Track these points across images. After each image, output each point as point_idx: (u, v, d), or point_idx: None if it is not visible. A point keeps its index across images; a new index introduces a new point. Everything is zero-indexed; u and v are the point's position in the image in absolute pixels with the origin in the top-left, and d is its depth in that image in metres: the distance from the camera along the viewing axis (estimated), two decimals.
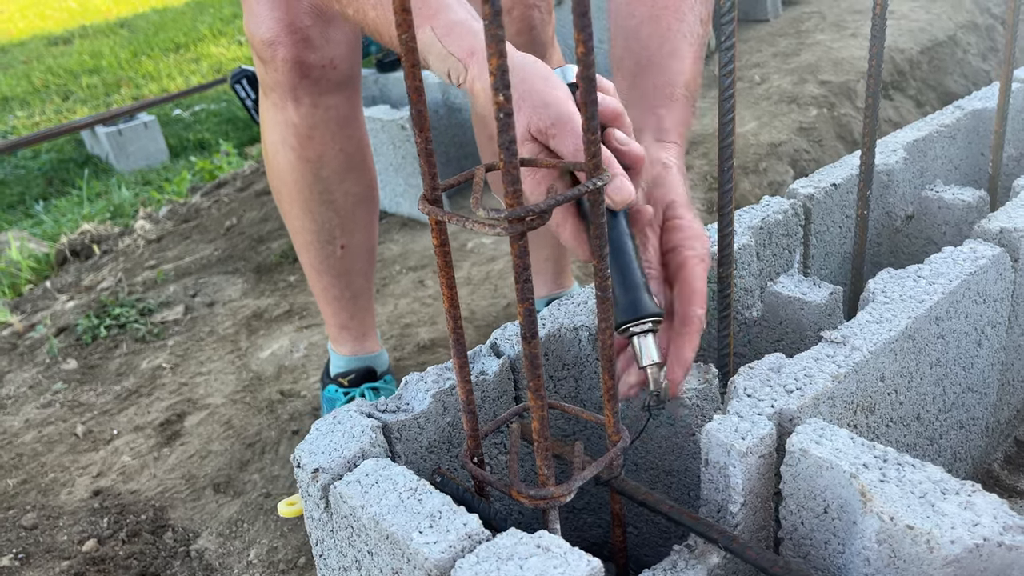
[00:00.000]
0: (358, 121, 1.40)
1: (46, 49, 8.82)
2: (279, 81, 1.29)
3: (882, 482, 0.67)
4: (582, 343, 0.97)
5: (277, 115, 1.34)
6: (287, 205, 1.43)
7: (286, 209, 1.44)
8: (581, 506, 1.06)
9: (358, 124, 1.40)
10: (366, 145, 1.44)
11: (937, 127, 1.43)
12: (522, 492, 0.74)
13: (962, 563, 0.61)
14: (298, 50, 1.25)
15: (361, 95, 1.41)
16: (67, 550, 1.41)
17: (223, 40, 7.72)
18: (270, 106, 1.34)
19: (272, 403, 1.76)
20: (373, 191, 1.48)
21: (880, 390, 0.88)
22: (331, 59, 1.28)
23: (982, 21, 3.27)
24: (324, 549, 0.82)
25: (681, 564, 0.74)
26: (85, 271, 2.77)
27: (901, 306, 0.92)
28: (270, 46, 1.25)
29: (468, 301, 2.04)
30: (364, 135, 1.43)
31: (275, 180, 1.42)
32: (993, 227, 1.06)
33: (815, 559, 0.75)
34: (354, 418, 0.82)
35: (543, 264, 1.67)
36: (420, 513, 0.69)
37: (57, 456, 1.71)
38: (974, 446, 1.11)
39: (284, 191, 1.41)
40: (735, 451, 0.73)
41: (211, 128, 5.30)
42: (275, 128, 1.35)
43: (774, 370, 0.83)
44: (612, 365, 0.76)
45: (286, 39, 1.24)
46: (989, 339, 1.05)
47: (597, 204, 0.70)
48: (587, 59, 0.64)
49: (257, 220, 2.83)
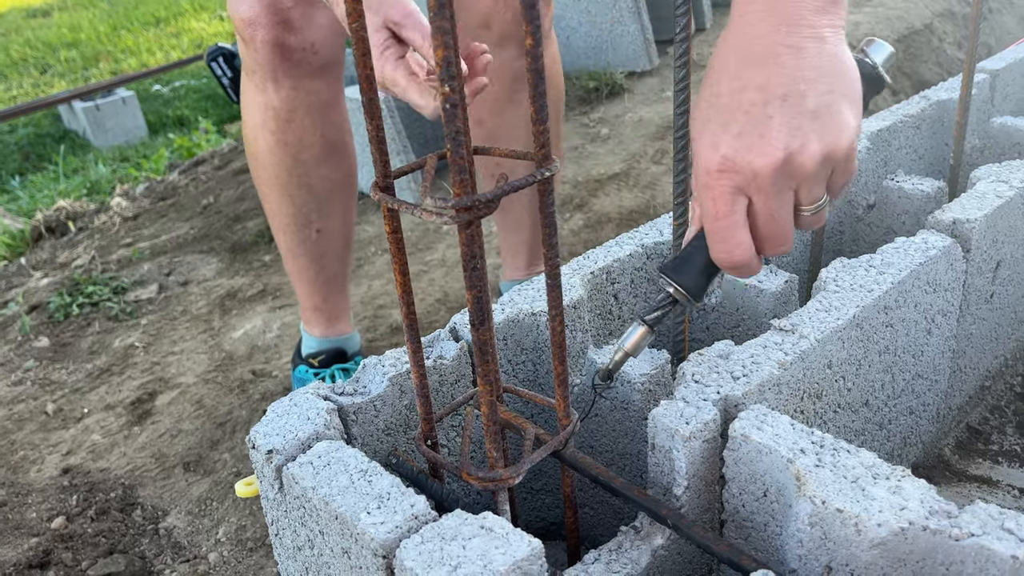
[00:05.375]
0: (339, 107, 1.40)
1: (24, 21, 8.69)
2: (259, 62, 1.29)
3: (817, 467, 0.69)
4: (540, 328, 0.99)
5: (258, 96, 1.34)
6: (265, 187, 1.43)
7: (264, 191, 1.45)
8: (539, 487, 1.08)
9: (339, 110, 1.40)
10: (347, 131, 1.44)
11: (902, 117, 1.45)
12: (472, 474, 0.76)
13: (888, 545, 0.64)
14: (278, 31, 1.25)
15: (343, 81, 1.41)
16: (36, 527, 1.42)
17: (204, 15, 7.63)
18: (251, 87, 1.34)
19: (244, 383, 1.77)
20: (352, 177, 1.48)
21: (827, 377, 0.91)
22: (312, 43, 1.28)
23: (959, 10, 3.29)
24: (279, 528, 0.84)
25: (627, 545, 0.76)
26: (60, 248, 2.76)
27: (850, 295, 0.94)
28: (250, 26, 1.25)
29: (442, 283, 2.06)
30: (346, 121, 1.43)
31: (254, 161, 1.42)
32: (946, 218, 1.08)
33: (755, 540, 0.77)
34: (310, 400, 0.84)
35: (519, 247, 1.68)
36: (369, 494, 0.71)
37: (27, 434, 1.71)
38: (924, 432, 1.14)
39: (263, 173, 1.41)
40: (679, 436, 0.75)
41: (191, 105, 5.26)
42: (255, 110, 1.35)
43: (722, 357, 0.85)
44: (563, 352, 0.77)
45: (266, 20, 1.24)
46: (940, 328, 1.08)
47: (546, 194, 0.71)
48: (535, 51, 0.65)
49: (234, 199, 2.83)
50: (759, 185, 0.67)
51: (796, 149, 0.66)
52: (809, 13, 0.66)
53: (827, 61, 0.66)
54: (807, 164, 0.66)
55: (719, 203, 0.69)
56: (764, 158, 0.66)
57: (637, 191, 2.36)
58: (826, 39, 0.66)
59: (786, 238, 0.71)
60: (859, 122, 0.69)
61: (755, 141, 0.66)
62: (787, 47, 0.66)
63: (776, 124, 0.66)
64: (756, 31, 0.67)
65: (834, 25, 0.67)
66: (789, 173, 0.67)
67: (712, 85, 0.70)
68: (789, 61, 0.66)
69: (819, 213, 0.71)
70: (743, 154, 0.67)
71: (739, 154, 0.67)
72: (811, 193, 0.69)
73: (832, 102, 0.66)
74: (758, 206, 0.69)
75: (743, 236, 0.70)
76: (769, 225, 0.70)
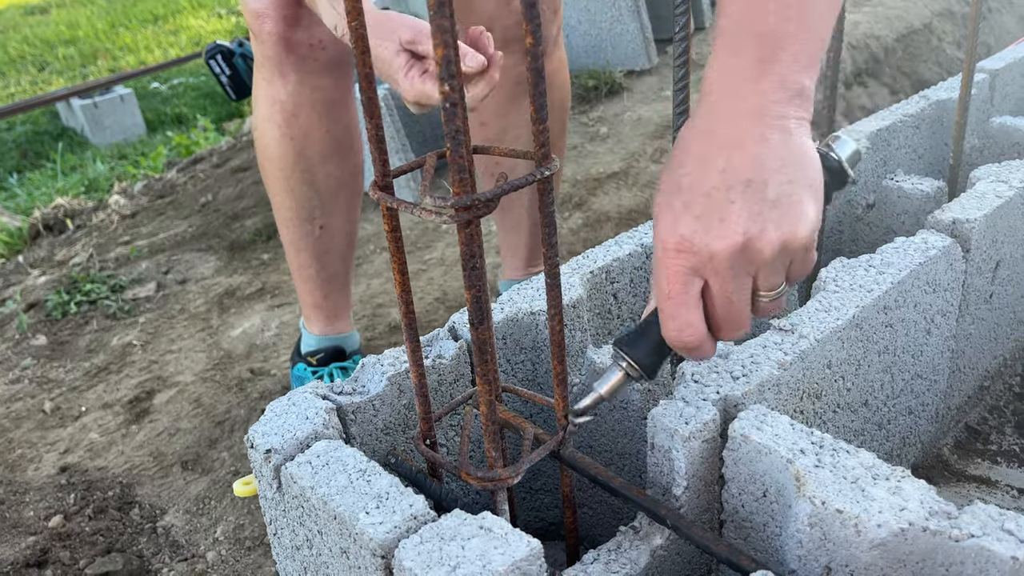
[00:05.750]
0: (347, 105, 1.39)
1: (22, 18, 8.67)
2: (266, 55, 1.29)
3: (817, 467, 0.69)
4: (539, 327, 0.98)
5: (266, 89, 1.34)
6: (270, 180, 1.44)
7: (269, 184, 1.45)
8: (538, 487, 1.08)
9: (346, 108, 1.39)
10: (354, 130, 1.43)
11: (902, 116, 1.45)
12: (471, 474, 0.76)
13: (888, 546, 0.64)
14: (285, 25, 1.25)
15: (353, 79, 1.40)
16: (33, 526, 1.42)
17: (203, 12, 7.62)
18: (260, 79, 1.35)
19: (242, 381, 1.76)
20: (357, 176, 1.47)
21: (827, 377, 0.91)
22: (320, 39, 1.28)
23: (958, 9, 3.29)
24: (278, 528, 0.84)
25: (626, 545, 0.76)
26: (58, 246, 2.75)
27: (850, 295, 0.94)
28: (258, 18, 1.25)
29: (441, 282, 2.05)
30: (353, 120, 1.42)
31: (260, 154, 1.42)
32: (946, 218, 1.08)
33: (755, 541, 0.77)
34: (308, 400, 0.83)
35: (518, 247, 1.68)
36: (368, 494, 0.70)
37: (24, 432, 1.71)
38: (923, 431, 1.14)
39: (268, 165, 1.42)
40: (678, 435, 0.75)
41: (189, 102, 5.25)
42: (263, 102, 1.36)
43: (722, 356, 0.85)
44: (562, 351, 0.77)
45: (274, 13, 1.24)
46: (939, 327, 1.08)
47: (545, 193, 0.71)
48: (535, 51, 0.65)
49: (232, 197, 2.82)
50: (715, 268, 0.67)
51: (755, 235, 0.66)
52: (776, 105, 0.67)
53: (791, 152, 0.67)
54: (765, 251, 0.67)
55: (673, 282, 0.69)
56: (722, 241, 0.66)
57: (636, 190, 2.36)
58: (791, 131, 0.67)
59: (741, 322, 0.71)
60: (819, 214, 0.69)
61: (714, 224, 0.66)
62: (754, 135, 0.66)
63: (736, 209, 0.66)
64: (724, 118, 0.68)
65: (800, 117, 0.68)
66: (747, 258, 0.67)
67: (677, 166, 0.70)
68: (754, 148, 0.66)
69: (778, 300, 0.72)
70: (701, 236, 0.67)
71: (697, 235, 0.67)
72: (768, 280, 0.69)
73: (793, 192, 0.67)
74: (714, 289, 0.69)
75: (694, 317, 0.70)
76: (725, 308, 0.70)
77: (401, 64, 0.97)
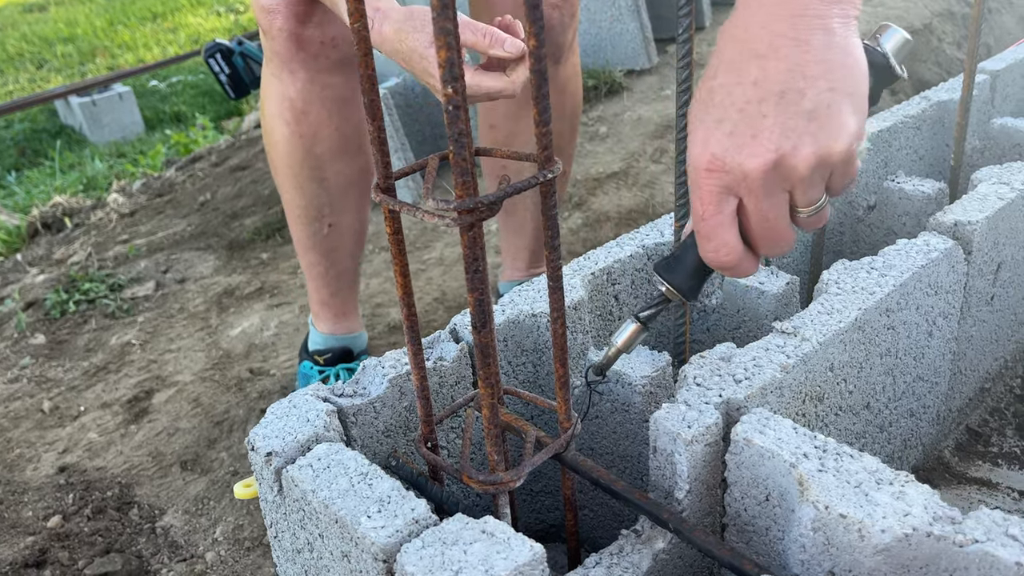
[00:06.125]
0: (357, 103, 1.38)
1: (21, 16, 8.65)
2: (276, 51, 1.28)
3: (820, 471, 0.69)
4: (541, 330, 0.98)
5: (275, 85, 1.33)
6: (280, 177, 1.43)
7: (279, 181, 1.44)
8: (539, 489, 1.08)
9: (357, 106, 1.38)
10: (365, 128, 1.42)
11: (902, 117, 1.45)
12: (473, 477, 0.75)
13: (892, 551, 0.64)
14: (296, 22, 1.24)
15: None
16: (32, 526, 1.42)
17: (202, 10, 7.61)
18: (270, 76, 1.34)
19: (241, 381, 1.76)
20: (367, 174, 1.46)
21: (829, 380, 0.90)
22: (332, 37, 1.27)
23: (958, 10, 3.28)
24: (278, 531, 0.83)
25: (628, 548, 0.76)
26: (56, 244, 2.74)
27: (852, 297, 0.93)
28: (268, 14, 1.24)
29: (440, 282, 2.05)
30: (364, 118, 1.41)
31: (270, 151, 1.42)
32: (948, 220, 1.07)
33: (757, 545, 0.77)
34: (309, 402, 0.83)
35: (520, 251, 1.68)
36: (369, 498, 0.70)
37: (23, 432, 1.70)
38: (925, 434, 1.14)
39: (278, 162, 1.41)
40: (681, 439, 0.75)
41: (188, 101, 5.24)
42: (273, 99, 1.35)
43: (724, 359, 0.85)
44: (564, 354, 0.77)
45: (285, 9, 1.23)
46: (941, 330, 1.08)
47: (548, 196, 0.70)
48: (538, 52, 0.65)
49: (231, 196, 2.82)
50: (749, 186, 0.65)
51: (788, 151, 0.63)
52: (818, 2, 0.62)
53: (834, 55, 0.63)
54: (799, 167, 0.64)
55: (706, 202, 0.67)
56: (754, 159, 0.63)
57: (636, 190, 2.36)
58: (834, 31, 0.62)
59: (782, 239, 0.69)
60: (861, 122, 0.65)
61: (746, 141, 0.64)
62: (790, 39, 0.62)
63: (769, 124, 0.63)
64: (758, 20, 0.64)
65: (845, 15, 0.63)
66: (781, 176, 0.64)
67: (710, 78, 0.67)
68: (791, 54, 0.62)
69: (819, 214, 0.69)
70: (733, 154, 0.64)
71: (729, 153, 0.64)
72: (806, 196, 0.67)
73: (832, 101, 0.63)
74: (749, 207, 0.67)
75: (729, 236, 0.68)
76: (762, 226, 0.67)
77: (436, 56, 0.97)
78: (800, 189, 0.66)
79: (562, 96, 1.46)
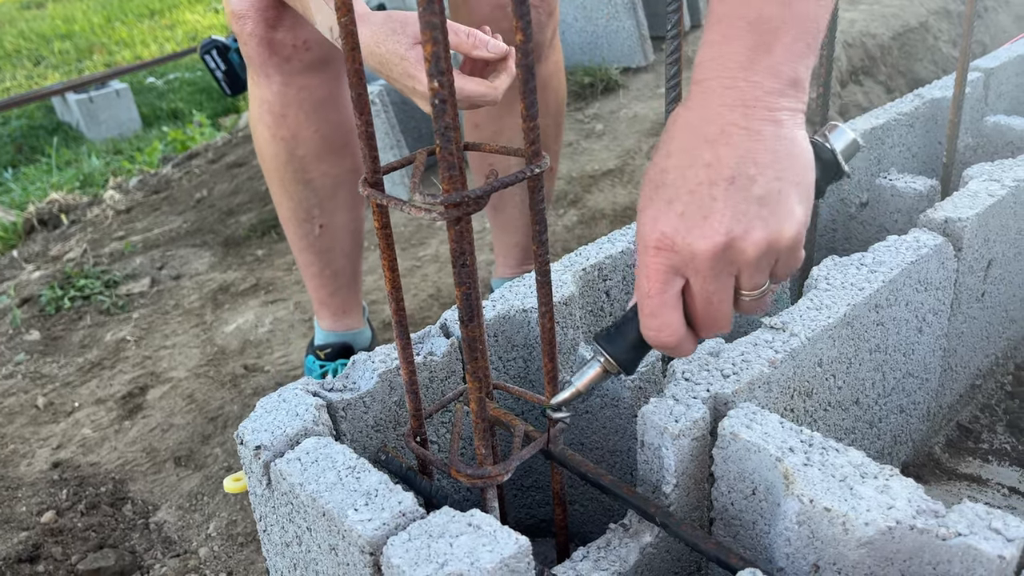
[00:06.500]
0: (338, 103, 1.37)
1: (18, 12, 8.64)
2: (250, 56, 1.28)
3: (805, 466, 0.69)
4: (531, 325, 0.98)
5: (254, 90, 1.33)
6: (267, 179, 1.43)
7: (268, 183, 1.45)
8: (530, 484, 1.08)
9: (337, 106, 1.37)
10: (348, 128, 1.40)
11: (896, 115, 1.45)
12: (461, 471, 0.76)
13: (875, 544, 0.64)
14: (266, 26, 1.24)
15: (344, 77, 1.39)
16: (25, 521, 1.42)
17: (199, 7, 7.60)
18: (250, 79, 1.34)
19: (236, 377, 1.76)
20: (357, 174, 1.44)
21: (818, 375, 0.91)
22: (304, 40, 1.27)
23: (954, 8, 3.29)
24: (267, 524, 0.84)
25: (615, 542, 0.76)
26: (52, 241, 2.74)
27: (841, 293, 0.94)
28: (239, 19, 1.24)
29: (435, 279, 2.05)
30: (346, 118, 1.40)
31: (257, 153, 1.42)
32: (938, 216, 1.08)
33: (743, 538, 0.77)
34: (299, 396, 0.83)
35: (511, 248, 1.68)
36: (357, 491, 0.70)
37: (17, 427, 1.71)
38: (915, 430, 1.14)
39: (263, 165, 1.41)
40: (668, 433, 0.75)
41: (185, 97, 5.24)
42: (254, 103, 1.35)
43: (713, 354, 0.85)
44: (553, 349, 0.77)
45: (255, 14, 1.22)
46: (931, 326, 1.08)
47: (536, 190, 0.71)
48: (525, 47, 0.65)
49: (227, 193, 2.82)
50: (696, 267, 0.65)
51: (739, 235, 0.64)
52: (768, 95, 0.64)
53: (782, 146, 0.64)
54: (748, 251, 0.64)
55: (653, 280, 0.67)
56: (704, 240, 0.64)
57: (631, 187, 2.36)
58: (783, 123, 0.64)
59: (722, 322, 0.69)
60: (807, 212, 0.67)
61: (697, 222, 0.64)
62: (742, 128, 0.64)
63: (720, 207, 0.64)
64: (711, 109, 0.65)
65: (793, 109, 0.65)
66: (729, 258, 0.65)
67: (662, 159, 0.68)
68: (742, 142, 0.64)
69: (762, 299, 0.70)
70: (683, 234, 0.65)
71: (679, 234, 0.65)
72: (752, 280, 0.67)
73: (781, 188, 0.64)
74: (695, 288, 0.67)
75: (673, 317, 0.68)
76: (706, 308, 0.68)
77: (417, 58, 0.97)
78: (747, 273, 0.67)
79: (544, 93, 1.46)
